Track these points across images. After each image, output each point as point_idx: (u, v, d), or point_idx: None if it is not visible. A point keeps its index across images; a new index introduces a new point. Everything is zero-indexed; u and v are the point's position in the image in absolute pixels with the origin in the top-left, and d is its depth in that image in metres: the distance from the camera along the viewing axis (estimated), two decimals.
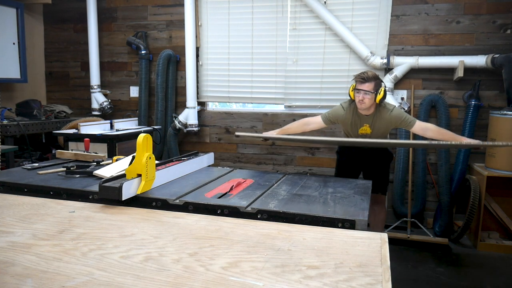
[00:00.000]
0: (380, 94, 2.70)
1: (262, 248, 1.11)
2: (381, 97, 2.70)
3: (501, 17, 3.58)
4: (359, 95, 2.70)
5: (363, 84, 2.69)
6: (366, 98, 2.68)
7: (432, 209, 3.90)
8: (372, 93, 2.68)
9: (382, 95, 2.70)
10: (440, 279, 2.94)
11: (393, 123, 2.82)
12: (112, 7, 4.58)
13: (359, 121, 2.84)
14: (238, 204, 1.47)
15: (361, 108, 2.76)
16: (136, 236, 1.20)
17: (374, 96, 2.70)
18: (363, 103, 2.70)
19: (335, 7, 3.91)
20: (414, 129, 2.78)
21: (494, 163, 3.37)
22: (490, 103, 3.68)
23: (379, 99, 2.70)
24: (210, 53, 4.36)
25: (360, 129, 2.85)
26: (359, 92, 2.70)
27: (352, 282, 0.91)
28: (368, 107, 2.74)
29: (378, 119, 2.80)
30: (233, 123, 4.36)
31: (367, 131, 2.84)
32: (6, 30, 4.05)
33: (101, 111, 4.58)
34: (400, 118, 2.78)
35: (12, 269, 0.97)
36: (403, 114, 2.79)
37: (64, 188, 1.68)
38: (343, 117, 2.87)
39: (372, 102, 2.72)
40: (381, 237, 1.19)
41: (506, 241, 3.45)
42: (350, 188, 1.79)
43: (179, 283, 0.91)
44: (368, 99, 2.69)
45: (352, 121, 2.85)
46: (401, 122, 2.79)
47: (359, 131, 2.87)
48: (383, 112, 2.79)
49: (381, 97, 2.70)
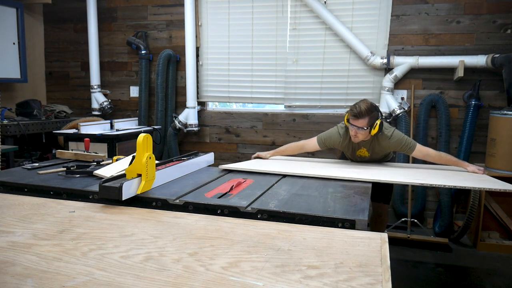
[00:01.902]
0: (375, 128, 2.50)
1: (262, 248, 1.11)
2: (376, 131, 2.51)
3: (501, 17, 3.58)
4: (352, 130, 2.53)
5: (356, 120, 2.49)
6: (360, 133, 2.52)
7: (432, 209, 3.90)
8: (366, 129, 2.50)
9: (377, 129, 2.51)
10: (440, 279, 2.94)
11: (392, 148, 2.67)
12: (112, 7, 4.58)
13: (356, 145, 2.70)
14: (238, 204, 1.47)
15: (354, 141, 2.62)
16: (136, 236, 1.20)
17: (369, 131, 2.52)
18: (357, 137, 2.56)
19: (335, 7, 3.91)
20: (414, 153, 2.63)
21: (494, 163, 3.37)
22: (490, 103, 3.68)
23: (374, 133, 2.52)
24: (210, 53, 4.36)
25: (358, 151, 2.74)
26: (352, 127, 2.52)
27: (352, 282, 0.91)
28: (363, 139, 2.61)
29: (377, 145, 2.66)
30: (233, 123, 4.36)
31: (365, 154, 2.72)
32: (6, 30, 4.05)
33: (101, 111, 4.58)
34: (400, 144, 2.61)
35: (12, 269, 0.97)
36: (403, 139, 2.61)
37: (64, 188, 1.68)
38: (338, 143, 2.73)
39: (366, 136, 2.56)
40: (381, 237, 1.19)
41: (506, 241, 3.45)
42: (350, 188, 1.79)
43: (179, 283, 0.91)
44: (361, 135, 2.53)
45: (349, 146, 2.72)
46: (401, 148, 2.62)
47: (356, 153, 2.75)
48: (381, 139, 2.63)
49: (376, 132, 2.51)
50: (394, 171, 2.41)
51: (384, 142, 2.62)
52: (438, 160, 2.64)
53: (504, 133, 3.27)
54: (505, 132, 3.27)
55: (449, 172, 2.44)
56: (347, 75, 3.98)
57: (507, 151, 3.28)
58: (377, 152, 2.71)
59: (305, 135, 4.14)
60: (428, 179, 2.11)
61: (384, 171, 2.36)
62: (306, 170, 2.17)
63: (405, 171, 2.47)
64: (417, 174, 2.33)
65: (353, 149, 2.74)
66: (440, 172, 2.47)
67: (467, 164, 2.59)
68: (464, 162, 2.63)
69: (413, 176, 2.23)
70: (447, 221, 3.68)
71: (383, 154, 2.75)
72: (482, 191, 3.40)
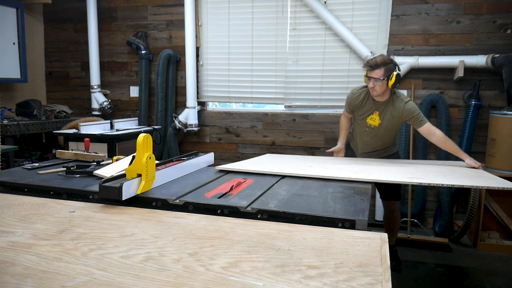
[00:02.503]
0: (392, 79, 2.58)
1: (262, 248, 1.11)
2: (392, 82, 2.58)
3: (501, 17, 3.58)
4: (370, 82, 2.62)
5: (372, 71, 2.59)
6: (377, 85, 2.59)
7: (432, 209, 3.90)
8: (383, 80, 2.58)
9: (394, 80, 2.58)
10: (440, 279, 2.94)
11: (404, 116, 2.68)
12: (112, 7, 4.58)
13: (369, 107, 2.74)
14: (238, 204, 1.47)
15: (373, 95, 2.68)
16: (136, 236, 1.20)
17: (386, 83, 2.59)
18: (375, 90, 2.62)
19: (335, 7, 3.91)
20: (422, 129, 2.66)
21: (494, 163, 3.37)
22: (490, 103, 3.68)
23: (391, 84, 2.59)
24: (210, 53, 4.36)
25: (369, 118, 2.76)
26: (370, 79, 2.61)
27: (352, 282, 0.91)
28: (381, 93, 2.64)
29: (390, 108, 2.68)
30: (233, 123, 4.36)
31: (376, 121, 2.74)
32: (6, 30, 4.05)
33: (101, 111, 4.58)
34: (412, 113, 2.65)
35: (12, 269, 0.97)
36: (417, 110, 2.66)
37: (64, 188, 1.68)
38: (354, 100, 2.79)
39: (384, 89, 2.62)
40: (381, 237, 1.19)
41: (506, 241, 3.45)
42: (350, 188, 1.79)
43: (179, 283, 0.91)
44: (379, 86, 2.60)
45: (363, 105, 2.76)
46: (412, 117, 2.65)
47: (367, 121, 2.77)
48: (397, 102, 2.67)
49: (393, 82, 2.58)
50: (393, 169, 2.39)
51: (399, 106, 2.66)
52: (441, 143, 2.65)
53: (504, 133, 3.28)
54: (505, 132, 3.27)
55: (447, 169, 2.42)
56: (347, 75, 3.98)
57: (507, 151, 3.28)
58: (387, 120, 2.72)
59: (305, 135, 4.14)
60: (426, 177, 2.10)
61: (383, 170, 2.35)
62: (305, 170, 2.16)
63: (403, 168, 2.45)
64: (415, 172, 2.31)
65: (365, 112, 2.76)
66: (437, 168, 2.45)
67: (465, 156, 2.59)
68: (464, 153, 2.62)
69: (411, 174, 2.21)
70: (447, 221, 3.68)
71: (392, 124, 2.74)
72: (482, 191, 3.40)
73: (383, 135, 2.80)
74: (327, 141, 4.05)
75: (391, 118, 2.72)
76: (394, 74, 2.58)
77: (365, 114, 2.79)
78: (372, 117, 2.76)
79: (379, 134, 2.79)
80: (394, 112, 2.69)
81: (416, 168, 2.44)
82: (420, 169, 2.38)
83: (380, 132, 2.78)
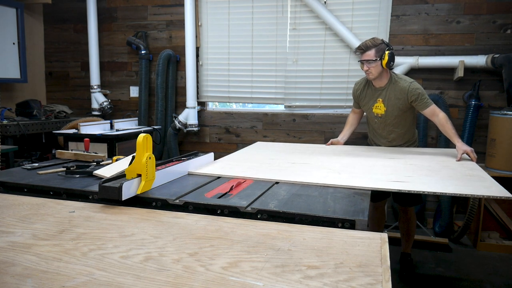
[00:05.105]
0: (385, 58, 2.54)
1: (262, 248, 1.11)
2: (386, 61, 2.55)
3: (501, 17, 3.58)
4: (364, 66, 2.61)
5: (364, 54, 2.59)
6: (371, 67, 2.57)
7: (432, 209, 3.90)
8: (375, 60, 2.55)
9: (387, 59, 2.54)
10: (440, 279, 2.94)
11: (409, 97, 2.61)
12: (112, 7, 4.58)
13: (371, 95, 2.73)
14: (238, 204, 1.47)
15: (370, 79, 2.66)
16: (136, 236, 1.20)
17: (380, 63, 2.56)
18: (370, 73, 2.60)
19: (335, 7, 3.91)
20: (426, 111, 2.62)
21: (494, 163, 3.37)
22: (490, 103, 3.68)
23: (385, 63, 2.55)
24: (210, 53, 4.36)
25: (374, 107, 2.74)
26: (363, 63, 2.60)
27: (352, 282, 0.91)
28: (378, 76, 2.62)
29: (393, 92, 2.64)
30: (233, 123, 4.36)
31: (381, 109, 2.71)
32: (6, 30, 4.05)
33: (101, 111, 4.58)
34: (418, 95, 2.59)
35: (12, 269, 0.97)
36: (423, 92, 2.61)
37: (64, 188, 1.68)
38: (356, 91, 2.81)
39: (379, 70, 2.59)
40: (381, 237, 1.19)
41: (506, 241, 3.45)
42: (350, 188, 1.78)
43: (179, 283, 0.91)
44: (373, 68, 2.57)
45: (365, 94, 2.76)
46: (417, 99, 2.59)
47: (373, 110, 2.75)
48: (400, 83, 2.63)
49: (386, 61, 2.55)
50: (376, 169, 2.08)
51: (403, 86, 2.61)
52: (442, 125, 2.61)
53: (504, 133, 3.28)
54: (505, 132, 3.27)
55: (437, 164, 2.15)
56: (347, 75, 3.98)
57: (507, 151, 3.28)
58: (392, 106, 2.67)
59: (305, 135, 4.14)
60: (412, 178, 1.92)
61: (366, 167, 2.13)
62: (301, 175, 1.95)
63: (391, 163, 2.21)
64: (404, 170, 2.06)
65: (369, 101, 2.76)
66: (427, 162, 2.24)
67: (458, 140, 2.50)
68: (457, 138, 2.52)
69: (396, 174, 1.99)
70: (447, 221, 3.68)
71: (398, 108, 2.67)
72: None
73: (393, 123, 2.75)
74: (327, 141, 4.01)
75: (396, 102, 2.66)
76: (387, 53, 2.56)
77: (369, 104, 2.77)
78: (377, 106, 2.73)
79: (388, 122, 2.75)
80: (399, 94, 2.64)
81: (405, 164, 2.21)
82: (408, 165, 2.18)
83: (389, 121, 2.74)
